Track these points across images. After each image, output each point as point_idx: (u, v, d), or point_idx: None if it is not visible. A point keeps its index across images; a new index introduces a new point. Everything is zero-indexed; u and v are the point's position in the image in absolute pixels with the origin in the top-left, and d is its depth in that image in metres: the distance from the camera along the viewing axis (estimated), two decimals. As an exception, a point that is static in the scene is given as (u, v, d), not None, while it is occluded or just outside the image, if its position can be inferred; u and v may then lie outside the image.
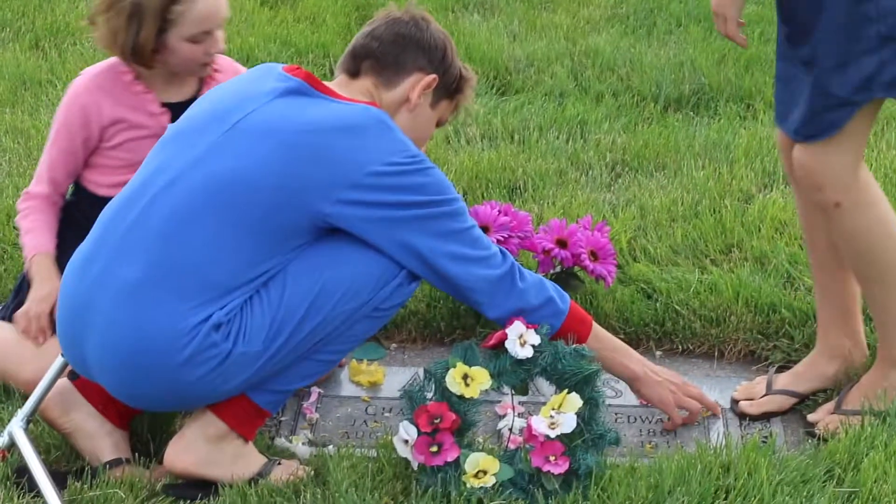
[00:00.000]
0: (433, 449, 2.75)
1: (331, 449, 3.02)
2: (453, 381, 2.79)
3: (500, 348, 2.85)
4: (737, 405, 3.26)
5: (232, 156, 2.76)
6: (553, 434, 2.77)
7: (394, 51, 2.94)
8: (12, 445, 2.93)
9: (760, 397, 3.25)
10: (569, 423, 2.78)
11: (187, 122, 2.91)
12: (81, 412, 2.93)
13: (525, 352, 2.83)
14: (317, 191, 2.74)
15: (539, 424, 2.78)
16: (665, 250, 3.80)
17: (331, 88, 2.88)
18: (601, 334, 3.02)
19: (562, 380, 2.86)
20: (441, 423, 2.76)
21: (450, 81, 3.01)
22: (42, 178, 3.36)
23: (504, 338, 2.83)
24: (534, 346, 2.83)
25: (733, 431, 3.18)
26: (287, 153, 2.74)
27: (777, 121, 3.05)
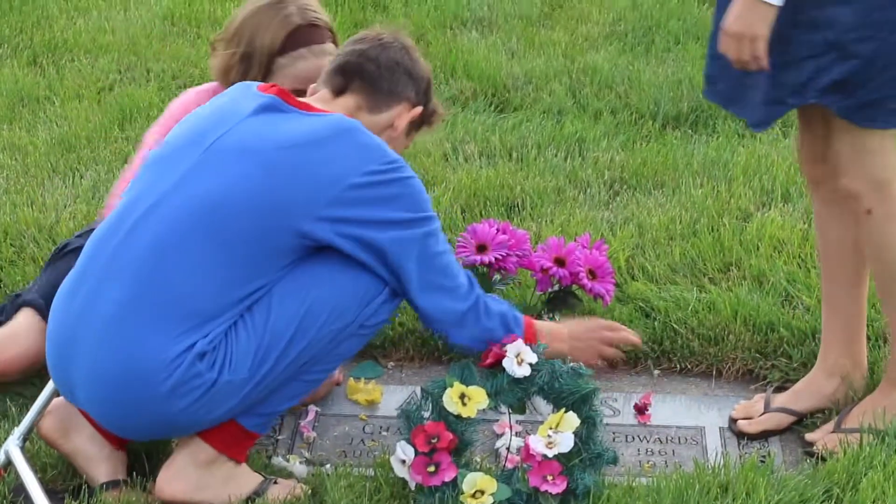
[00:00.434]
0: (430, 469, 2.75)
1: (328, 468, 3.01)
2: (450, 401, 2.78)
3: (497, 367, 2.85)
4: (735, 424, 3.25)
5: (209, 176, 2.75)
6: (551, 453, 2.76)
7: (389, 77, 2.95)
8: (9, 464, 2.92)
9: (759, 416, 3.25)
10: (566, 442, 2.77)
11: (166, 147, 2.90)
12: (82, 435, 2.91)
13: (522, 370, 2.83)
14: (298, 209, 2.73)
15: (536, 444, 2.78)
16: (663, 269, 3.80)
17: (304, 102, 2.88)
18: (543, 331, 3.01)
19: (559, 399, 2.86)
20: (438, 443, 2.75)
21: (428, 114, 3.05)
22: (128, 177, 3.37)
23: (501, 356, 2.83)
24: (531, 365, 2.83)
25: (731, 451, 3.17)
26: (266, 174, 2.73)
27: (705, 86, 3.03)
